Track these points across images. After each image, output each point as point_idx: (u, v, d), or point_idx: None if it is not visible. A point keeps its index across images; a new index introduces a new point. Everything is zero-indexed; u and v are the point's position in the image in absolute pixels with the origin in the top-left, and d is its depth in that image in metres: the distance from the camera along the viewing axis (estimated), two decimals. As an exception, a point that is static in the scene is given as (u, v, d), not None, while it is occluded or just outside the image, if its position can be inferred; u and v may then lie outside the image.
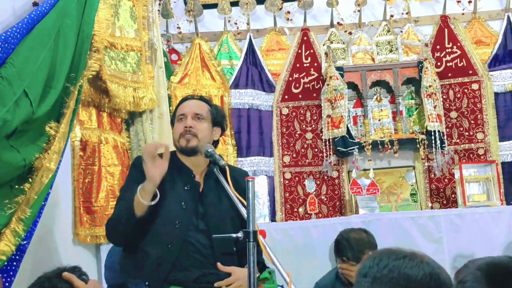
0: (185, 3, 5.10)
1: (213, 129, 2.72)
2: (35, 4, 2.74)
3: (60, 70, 2.68)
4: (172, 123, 2.77)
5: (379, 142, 4.67)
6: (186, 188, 2.59)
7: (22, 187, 2.44)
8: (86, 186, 3.36)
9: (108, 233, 2.58)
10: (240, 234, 2.05)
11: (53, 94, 2.64)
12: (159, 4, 4.84)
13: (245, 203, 2.17)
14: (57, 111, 2.69)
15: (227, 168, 2.45)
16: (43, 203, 2.58)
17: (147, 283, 2.44)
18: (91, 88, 3.35)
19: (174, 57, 5.04)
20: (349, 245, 3.29)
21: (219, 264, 2.45)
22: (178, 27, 5.07)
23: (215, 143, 2.76)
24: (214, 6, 5.11)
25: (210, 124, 2.71)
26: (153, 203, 2.40)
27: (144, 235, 2.52)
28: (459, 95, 4.84)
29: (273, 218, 4.73)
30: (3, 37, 2.32)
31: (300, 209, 4.75)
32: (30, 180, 2.46)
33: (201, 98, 2.82)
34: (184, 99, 2.81)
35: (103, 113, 3.60)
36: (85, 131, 3.39)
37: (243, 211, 2.27)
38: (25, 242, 2.45)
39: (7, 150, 2.36)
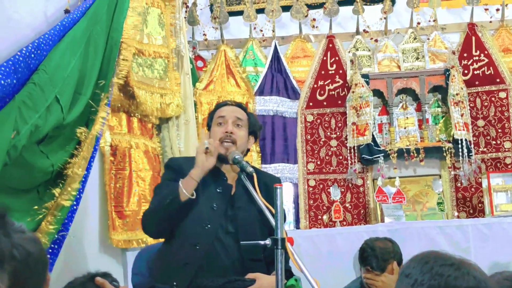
0: (211, 10, 5.14)
1: (248, 137, 2.72)
2: (66, 11, 2.79)
3: (90, 76, 2.72)
4: (209, 126, 2.73)
5: (404, 150, 4.64)
6: (218, 190, 2.59)
7: (52, 192, 2.46)
8: (118, 191, 3.39)
9: (146, 222, 2.57)
10: (268, 241, 2.05)
11: (82, 101, 2.67)
12: (186, 11, 4.88)
13: (273, 210, 2.16)
14: (86, 117, 2.72)
15: (254, 175, 2.44)
16: (73, 208, 2.61)
17: (173, 285, 2.43)
18: (120, 94, 3.39)
19: (199, 63, 5.07)
20: (374, 254, 3.26)
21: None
22: (204, 34, 5.10)
23: (246, 152, 2.75)
24: (240, 13, 5.13)
25: (247, 132, 2.70)
26: (193, 197, 2.42)
27: (172, 234, 2.53)
28: (486, 104, 4.79)
29: (297, 225, 4.72)
30: (36, 44, 2.36)
31: (325, 217, 4.73)
32: (60, 185, 2.49)
33: (239, 105, 2.79)
34: (223, 104, 2.77)
35: (133, 119, 3.63)
36: (115, 136, 3.42)
37: (271, 218, 2.27)
38: (55, 246, 2.47)
39: (37, 155, 2.39)
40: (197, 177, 2.45)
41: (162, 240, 2.69)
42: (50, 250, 2.47)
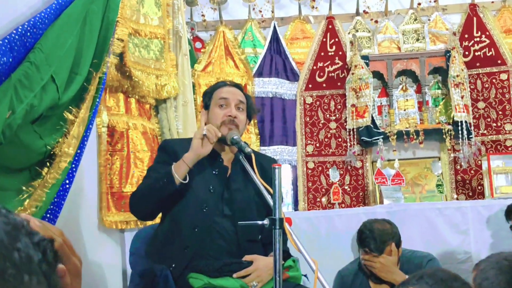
0: (210, -9, 5.09)
1: (246, 120, 2.69)
2: (63, -11, 2.75)
3: (86, 56, 2.69)
4: (206, 106, 2.66)
5: (404, 132, 4.62)
6: (214, 172, 2.56)
7: (40, 171, 2.43)
8: (114, 172, 3.37)
9: (134, 202, 2.54)
10: (266, 221, 2.03)
11: (78, 80, 2.64)
12: (184, -8, 4.82)
13: (271, 190, 2.15)
14: (79, 97, 2.69)
15: (252, 155, 2.42)
16: (65, 186, 2.59)
17: (172, 267, 2.42)
18: (118, 74, 3.35)
19: (198, 45, 5.04)
20: (372, 236, 3.24)
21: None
22: (202, 15, 5.06)
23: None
24: (239, -6, 5.09)
25: (246, 114, 2.66)
26: (185, 181, 2.39)
27: (169, 216, 2.52)
28: (487, 85, 4.76)
29: (295, 207, 4.72)
30: (32, 22, 2.33)
31: (323, 199, 4.73)
32: (48, 164, 2.46)
33: (239, 87, 2.71)
34: (222, 84, 2.70)
35: (131, 99, 3.59)
36: (112, 117, 3.39)
37: (269, 198, 2.25)
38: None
39: (31, 135, 2.37)
40: (190, 163, 2.40)
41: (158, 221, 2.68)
42: None
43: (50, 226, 0.83)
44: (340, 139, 4.85)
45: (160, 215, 2.64)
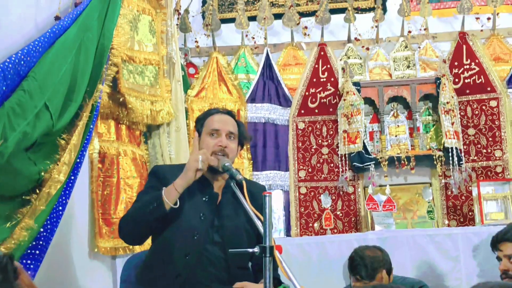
0: (203, 18, 5.15)
1: (238, 147, 2.71)
2: (57, 18, 2.79)
3: (81, 83, 2.72)
4: (198, 131, 2.68)
5: (395, 158, 4.65)
6: (204, 199, 2.57)
7: (28, 198, 2.43)
8: (105, 198, 3.38)
9: (123, 226, 2.54)
10: (256, 249, 2.04)
11: (73, 107, 2.67)
12: (178, 18, 4.88)
13: (261, 217, 2.16)
14: (73, 123, 2.71)
15: (244, 182, 2.44)
16: (58, 213, 2.59)
17: None
18: (109, 101, 3.38)
19: (191, 70, 5.08)
20: (363, 263, 3.24)
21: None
22: (196, 41, 5.11)
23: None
24: (232, 20, 5.15)
25: (237, 142, 2.68)
26: (175, 206, 2.40)
27: (159, 241, 2.52)
28: (477, 112, 4.81)
29: (288, 233, 4.71)
30: (25, 51, 2.36)
31: (316, 224, 4.73)
32: (37, 191, 2.47)
33: (230, 114, 2.74)
34: (215, 112, 2.72)
35: (121, 126, 3.62)
36: (103, 144, 3.42)
37: (260, 225, 2.27)
38: (35, 251, 2.45)
39: (25, 162, 2.38)
40: (181, 189, 2.42)
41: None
42: (31, 256, 2.45)
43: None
44: (332, 165, 4.87)
45: (149, 240, 2.64)
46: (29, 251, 2.43)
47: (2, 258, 0.69)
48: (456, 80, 4.86)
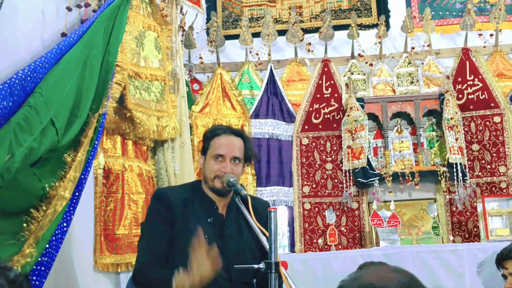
0: (208, 34, 5.18)
1: (244, 165, 2.68)
2: (63, 34, 2.82)
3: (86, 99, 2.73)
4: (204, 150, 2.66)
5: (399, 173, 4.65)
6: (209, 220, 2.57)
7: (35, 215, 2.43)
8: (108, 214, 3.38)
9: (138, 281, 2.55)
10: (261, 265, 2.04)
11: (78, 123, 2.68)
12: (182, 35, 4.92)
13: (266, 233, 2.16)
14: (78, 139, 2.71)
15: (249, 198, 2.44)
16: (62, 229, 2.59)
17: None
18: (116, 116, 3.39)
19: (195, 86, 5.10)
20: None
21: None
22: (200, 57, 5.14)
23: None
24: (236, 37, 5.18)
25: (243, 162, 2.65)
26: None
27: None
28: (481, 128, 4.81)
29: (292, 248, 4.70)
30: (32, 67, 2.38)
31: (320, 240, 4.72)
32: (44, 207, 2.47)
33: (237, 133, 2.69)
34: (221, 132, 2.66)
35: (128, 141, 3.63)
36: (108, 159, 3.42)
37: (265, 241, 2.26)
38: (41, 267, 2.45)
39: (30, 178, 2.39)
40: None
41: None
42: (36, 272, 2.45)
43: None
44: (336, 180, 4.86)
45: None
46: (34, 267, 2.43)
47: (18, 277, 0.70)
48: (460, 96, 4.88)
